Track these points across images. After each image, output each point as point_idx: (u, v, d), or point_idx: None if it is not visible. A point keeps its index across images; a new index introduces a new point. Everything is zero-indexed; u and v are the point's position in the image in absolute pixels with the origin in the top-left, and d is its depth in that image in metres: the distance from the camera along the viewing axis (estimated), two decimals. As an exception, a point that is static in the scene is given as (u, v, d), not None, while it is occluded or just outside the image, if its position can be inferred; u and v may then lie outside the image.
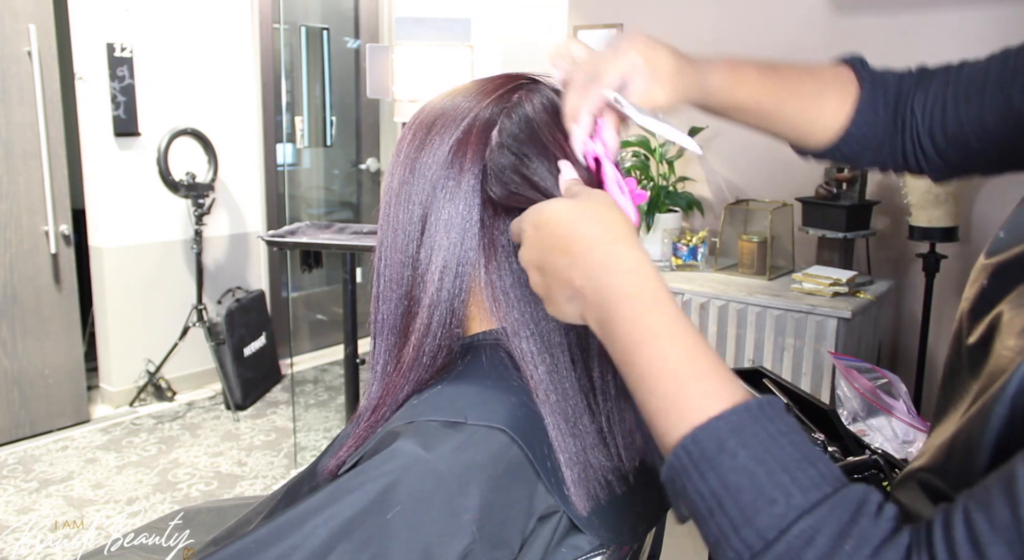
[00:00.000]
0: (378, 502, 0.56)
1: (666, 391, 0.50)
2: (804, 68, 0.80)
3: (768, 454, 0.46)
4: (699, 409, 0.48)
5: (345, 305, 2.45)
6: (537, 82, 0.72)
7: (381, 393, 0.69)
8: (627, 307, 0.53)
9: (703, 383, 0.50)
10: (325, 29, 4.05)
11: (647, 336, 0.52)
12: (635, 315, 0.53)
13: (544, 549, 0.62)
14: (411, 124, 0.71)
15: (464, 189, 0.66)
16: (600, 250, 0.55)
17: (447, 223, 0.66)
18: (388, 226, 0.70)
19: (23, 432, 3.04)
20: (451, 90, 0.72)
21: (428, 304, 0.67)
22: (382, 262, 0.70)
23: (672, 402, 0.50)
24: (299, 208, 4.19)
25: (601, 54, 0.66)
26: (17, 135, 2.91)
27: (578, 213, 0.57)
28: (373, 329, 0.72)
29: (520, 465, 0.61)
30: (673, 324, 0.52)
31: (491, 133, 0.67)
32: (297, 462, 2.89)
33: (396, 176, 0.70)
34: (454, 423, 0.60)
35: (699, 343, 0.52)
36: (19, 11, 2.87)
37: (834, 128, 0.79)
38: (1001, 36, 2.29)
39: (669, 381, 0.50)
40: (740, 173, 2.82)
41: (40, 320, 3.05)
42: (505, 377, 0.65)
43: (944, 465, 0.62)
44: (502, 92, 0.69)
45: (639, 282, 0.54)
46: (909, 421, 1.65)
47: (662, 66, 0.67)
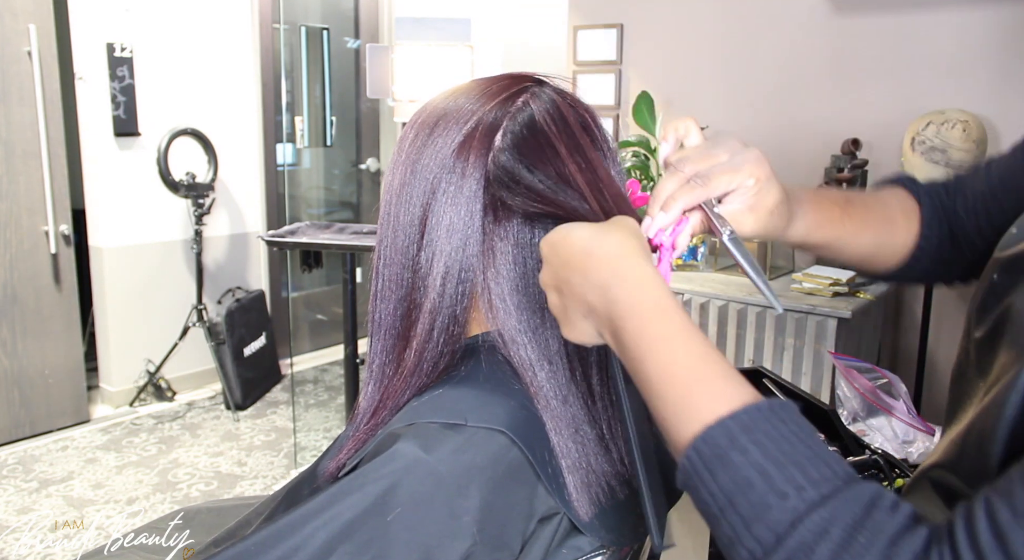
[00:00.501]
0: (378, 504, 0.56)
1: (676, 396, 0.50)
2: (873, 197, 0.81)
3: (779, 451, 0.46)
4: (710, 410, 0.48)
5: (345, 305, 2.45)
6: (542, 83, 0.71)
7: (381, 396, 0.68)
8: (636, 318, 0.53)
9: (713, 385, 0.50)
10: (325, 29, 4.04)
11: (656, 344, 0.52)
12: (643, 325, 0.53)
13: (545, 550, 0.62)
14: (413, 123, 0.70)
15: (466, 193, 0.65)
16: (610, 265, 0.55)
17: (448, 227, 0.65)
18: (388, 226, 0.69)
19: (23, 432, 3.04)
20: (453, 89, 0.71)
21: (429, 310, 0.66)
22: (382, 261, 0.70)
23: (682, 406, 0.50)
24: (299, 208, 4.19)
25: (716, 156, 0.65)
26: (17, 135, 2.91)
27: (595, 233, 0.58)
28: (371, 327, 0.71)
29: (520, 467, 0.61)
30: (681, 331, 0.52)
31: (495, 137, 0.66)
32: (297, 462, 2.89)
33: (397, 176, 0.69)
34: (454, 425, 0.60)
35: (707, 348, 0.52)
36: (19, 11, 2.87)
37: (903, 252, 0.81)
38: (1001, 36, 2.29)
39: (679, 386, 0.50)
40: (740, 173, 2.82)
41: (40, 320, 3.05)
42: (505, 380, 0.65)
43: (957, 459, 0.61)
44: (507, 95, 0.68)
45: (646, 293, 0.54)
46: (909, 421, 1.65)
47: (767, 202, 0.67)
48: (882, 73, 2.49)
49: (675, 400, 0.50)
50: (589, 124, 0.69)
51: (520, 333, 0.65)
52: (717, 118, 2.77)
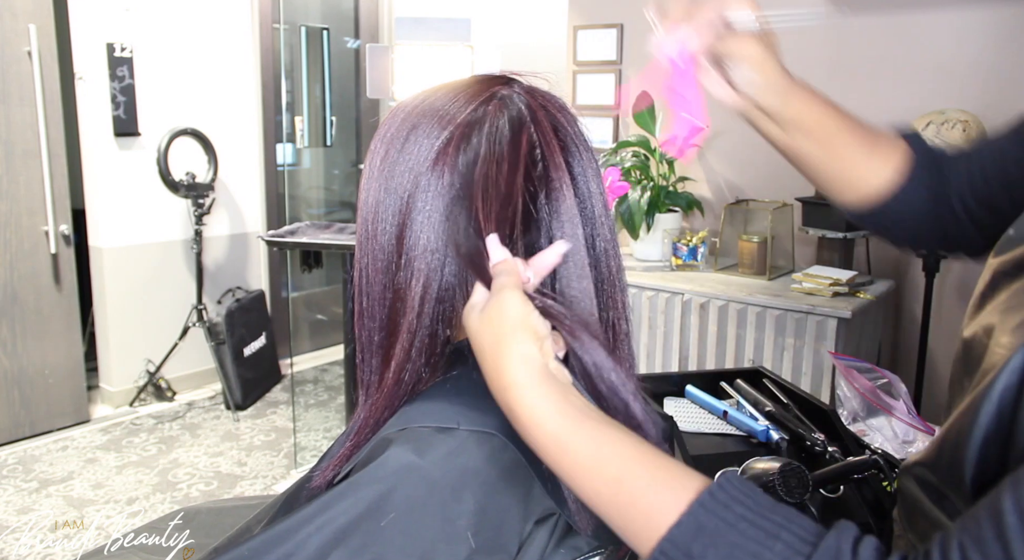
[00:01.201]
0: (372, 509, 0.56)
1: (615, 516, 0.51)
2: (866, 123, 0.83)
3: (735, 547, 0.45)
4: (653, 528, 0.48)
5: (345, 305, 2.45)
6: (512, 83, 0.69)
7: (368, 412, 0.68)
8: (542, 451, 0.54)
9: (644, 500, 0.49)
10: (325, 29, 4.05)
11: (572, 472, 0.53)
12: (548, 446, 0.53)
13: (541, 552, 0.62)
14: (382, 137, 0.69)
15: (442, 211, 0.64)
16: (497, 375, 0.55)
17: (425, 247, 0.64)
18: (367, 245, 0.68)
19: (23, 432, 3.04)
20: (424, 96, 0.69)
21: (407, 329, 0.65)
22: (364, 280, 0.69)
23: (625, 525, 0.50)
24: (299, 208, 4.19)
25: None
26: (17, 135, 2.91)
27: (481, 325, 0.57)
28: (357, 346, 0.70)
29: (514, 469, 0.61)
30: (590, 459, 0.52)
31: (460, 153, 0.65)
32: (297, 462, 2.89)
33: (371, 194, 0.68)
34: (447, 429, 0.60)
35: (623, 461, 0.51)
36: (19, 11, 2.87)
37: (882, 185, 0.80)
38: (1001, 36, 2.29)
39: (612, 511, 0.51)
40: (740, 173, 2.82)
41: (40, 320, 3.05)
42: None
43: (936, 460, 0.62)
44: (476, 104, 0.66)
45: (538, 413, 0.53)
46: (909, 421, 1.65)
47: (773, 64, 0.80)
48: (882, 73, 2.49)
49: (618, 524, 0.51)
50: (561, 123, 0.68)
51: None
52: (717, 117, 2.76)
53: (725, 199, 2.82)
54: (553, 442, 0.53)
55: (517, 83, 0.70)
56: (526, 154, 0.64)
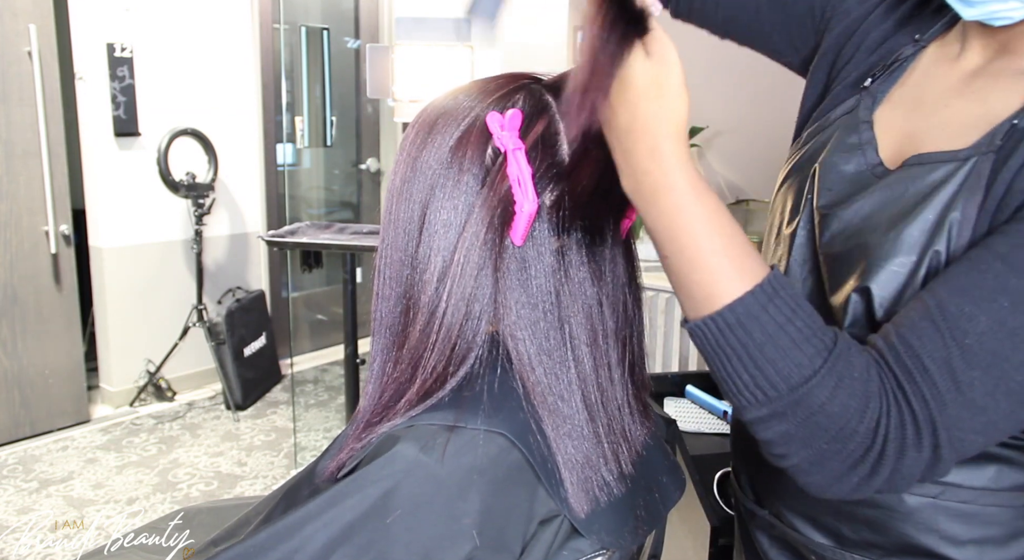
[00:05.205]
0: (378, 506, 0.56)
1: (704, 272, 0.57)
2: None
3: (780, 331, 0.55)
4: (736, 288, 0.56)
5: (345, 305, 2.45)
6: (540, 82, 0.71)
7: (379, 395, 0.68)
8: (667, 199, 0.58)
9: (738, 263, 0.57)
10: (325, 29, 4.05)
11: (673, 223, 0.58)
12: (674, 207, 0.58)
13: (545, 552, 0.62)
14: (414, 123, 0.71)
15: (463, 190, 0.65)
16: (650, 138, 0.58)
17: (445, 224, 0.65)
18: (390, 225, 0.69)
19: (23, 432, 3.04)
20: (455, 89, 0.72)
21: (426, 306, 0.66)
22: (383, 260, 0.69)
23: (698, 288, 0.58)
24: (299, 208, 4.20)
25: None
26: (17, 135, 2.91)
27: (647, 82, 0.59)
28: (373, 326, 0.71)
29: (520, 469, 0.61)
30: (714, 212, 0.58)
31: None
32: (297, 462, 2.90)
33: (399, 174, 0.69)
34: (454, 427, 0.60)
35: (733, 228, 0.59)
36: (19, 11, 2.87)
37: None
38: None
39: (703, 271, 0.57)
40: (740, 173, 2.82)
41: (40, 320, 3.05)
42: (504, 380, 0.65)
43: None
44: (504, 92, 0.68)
45: (680, 175, 0.58)
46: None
47: None
48: (882, 73, 2.49)
49: (699, 282, 0.58)
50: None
51: (519, 328, 0.65)
52: (717, 117, 2.77)
53: (725, 199, 2.82)
54: (690, 187, 0.58)
55: (542, 81, 0.71)
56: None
